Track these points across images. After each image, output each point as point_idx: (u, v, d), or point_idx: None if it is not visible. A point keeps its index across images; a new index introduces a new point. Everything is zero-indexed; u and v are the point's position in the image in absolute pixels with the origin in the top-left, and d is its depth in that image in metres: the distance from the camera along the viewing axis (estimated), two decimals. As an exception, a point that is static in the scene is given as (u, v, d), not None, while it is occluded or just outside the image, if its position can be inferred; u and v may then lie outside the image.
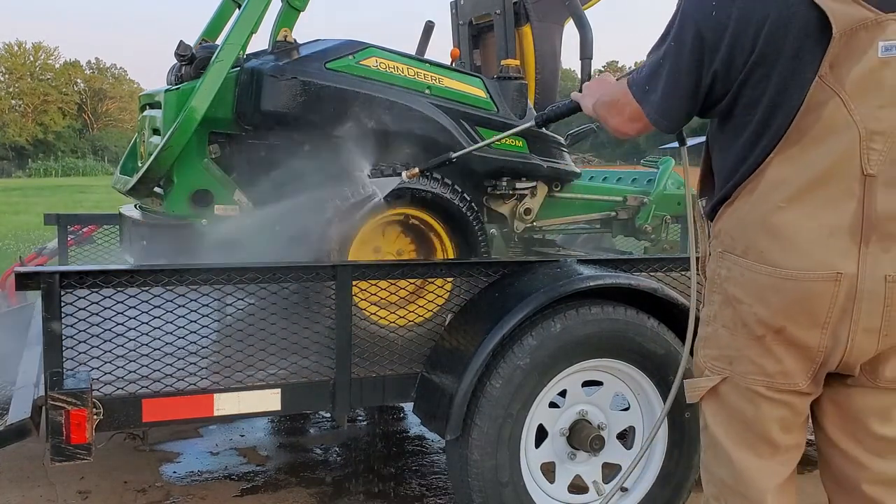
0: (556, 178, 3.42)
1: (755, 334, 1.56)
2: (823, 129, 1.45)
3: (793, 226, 1.49)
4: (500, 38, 3.71)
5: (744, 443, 1.62)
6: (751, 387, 1.58)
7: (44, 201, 17.70)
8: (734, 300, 1.58)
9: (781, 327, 1.52)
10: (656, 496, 2.72)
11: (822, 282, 1.47)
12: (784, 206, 1.50)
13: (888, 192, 1.46)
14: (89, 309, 2.24)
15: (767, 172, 1.51)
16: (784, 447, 1.62)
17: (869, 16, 1.41)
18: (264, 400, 2.37)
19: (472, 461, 2.44)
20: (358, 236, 2.77)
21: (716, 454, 1.67)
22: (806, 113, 1.46)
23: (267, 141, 2.98)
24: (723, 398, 1.64)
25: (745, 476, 1.62)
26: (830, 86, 1.44)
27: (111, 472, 3.33)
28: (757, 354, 1.56)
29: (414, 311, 2.74)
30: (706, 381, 1.66)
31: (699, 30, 1.55)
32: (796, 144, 1.48)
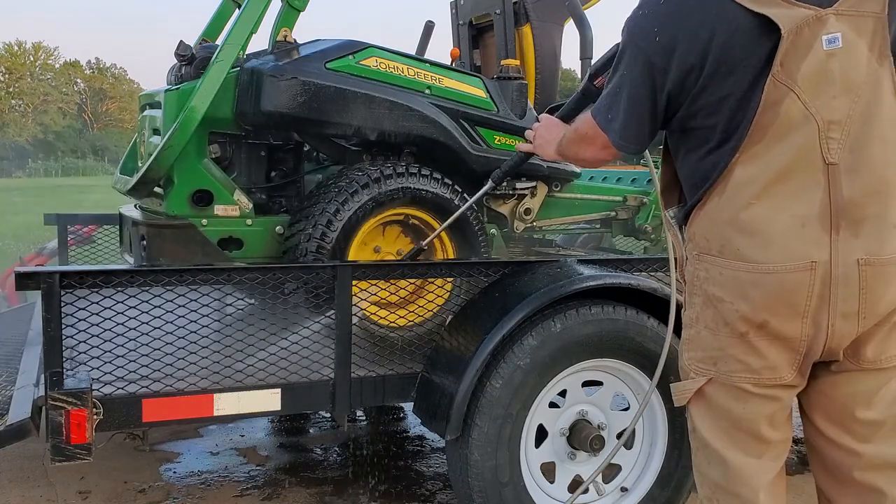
0: (556, 178, 3.42)
1: (738, 332, 1.59)
2: (783, 125, 1.51)
3: (765, 220, 1.54)
4: (500, 38, 3.71)
5: (733, 442, 1.64)
6: (737, 385, 1.61)
7: (44, 201, 17.71)
8: (715, 300, 1.61)
9: (764, 321, 1.55)
10: (656, 496, 2.72)
11: (799, 272, 1.51)
12: (754, 203, 1.54)
13: (851, 179, 1.51)
14: (89, 309, 2.24)
15: (735, 172, 1.56)
16: (773, 443, 1.64)
17: (809, 13, 1.49)
18: (264, 400, 2.37)
19: (472, 461, 2.44)
20: (358, 236, 2.77)
21: (706, 455, 1.69)
22: (764, 111, 1.51)
23: (267, 141, 2.99)
24: (709, 399, 1.66)
25: (737, 475, 1.64)
26: (784, 83, 1.50)
27: (111, 472, 3.33)
28: (741, 352, 1.59)
29: (414, 311, 2.75)
30: (692, 383, 1.68)
31: (647, 56, 1.62)
32: (759, 142, 1.53)
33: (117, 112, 68.63)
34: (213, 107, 2.63)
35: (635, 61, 1.65)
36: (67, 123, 63.36)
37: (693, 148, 1.66)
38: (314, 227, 2.67)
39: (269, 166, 3.03)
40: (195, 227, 2.70)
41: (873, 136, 1.51)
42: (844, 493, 1.65)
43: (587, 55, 3.43)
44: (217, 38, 3.29)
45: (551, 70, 3.73)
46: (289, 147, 3.06)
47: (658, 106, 1.65)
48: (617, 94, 1.71)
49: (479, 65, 4.04)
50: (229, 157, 2.90)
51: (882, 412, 1.60)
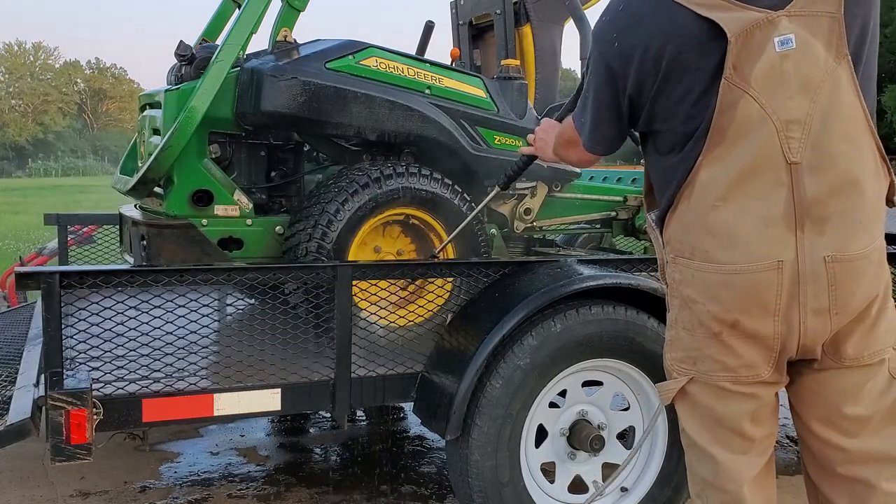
0: (556, 178, 3.42)
1: (712, 332, 1.61)
2: (741, 126, 1.53)
3: (730, 222, 1.56)
4: (500, 38, 3.71)
5: (717, 439, 1.67)
6: (717, 383, 1.64)
7: (44, 201, 17.72)
8: (689, 301, 1.65)
9: (735, 321, 1.58)
10: (656, 496, 2.72)
11: (766, 271, 1.53)
12: (719, 205, 1.57)
13: (814, 177, 1.52)
14: (89, 309, 2.24)
15: (699, 175, 1.59)
16: (757, 439, 1.67)
17: (759, 16, 1.51)
18: (264, 400, 2.37)
19: (472, 461, 2.44)
20: (358, 236, 2.77)
21: (695, 453, 1.73)
22: (721, 113, 1.54)
23: (267, 141, 2.99)
24: (693, 398, 1.69)
25: (722, 471, 1.67)
26: (738, 85, 1.52)
27: (111, 472, 3.33)
28: (717, 352, 1.62)
29: (414, 311, 2.75)
30: (674, 383, 1.72)
31: (607, 62, 1.67)
32: (720, 145, 1.55)
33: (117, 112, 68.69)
34: (213, 107, 2.63)
35: (598, 66, 1.70)
36: (67, 123, 63.41)
37: (658, 151, 1.71)
38: (314, 227, 2.67)
39: (269, 166, 3.03)
40: (195, 227, 2.70)
41: (835, 134, 1.53)
42: (833, 485, 1.67)
43: (587, 55, 3.43)
44: (217, 38, 3.29)
45: (551, 70, 3.73)
46: (289, 147, 3.06)
47: (621, 109, 1.70)
48: (586, 98, 1.78)
49: (479, 65, 4.04)
50: (229, 157, 2.90)
51: (868, 407, 1.62)
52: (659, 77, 1.59)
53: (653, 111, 1.65)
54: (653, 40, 1.58)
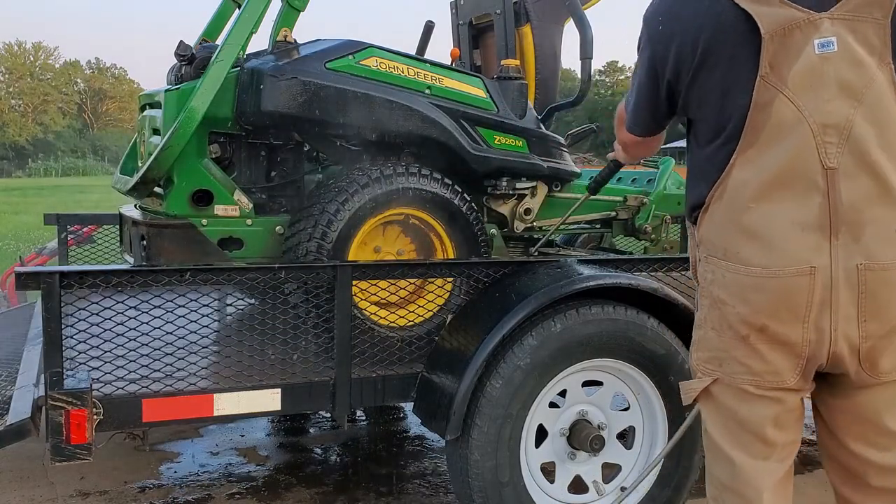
0: (556, 178, 3.42)
1: (740, 334, 1.59)
2: (775, 127, 1.52)
3: (763, 224, 1.54)
4: (500, 38, 3.71)
5: (738, 443, 1.65)
6: (741, 386, 1.62)
7: (44, 201, 17.71)
8: (719, 302, 1.63)
9: (763, 325, 1.55)
10: (656, 496, 2.72)
11: (798, 277, 1.51)
12: (752, 207, 1.55)
13: (850, 183, 1.50)
14: (89, 309, 2.24)
15: (732, 175, 1.58)
16: (779, 445, 1.64)
17: (800, 16, 1.49)
18: (264, 400, 2.37)
19: (472, 461, 2.44)
20: (358, 236, 2.77)
21: (714, 455, 1.71)
22: (755, 113, 1.52)
23: (267, 141, 2.98)
24: (716, 399, 1.68)
25: (742, 475, 1.64)
26: (773, 84, 1.51)
27: (111, 472, 3.33)
28: (743, 354, 1.60)
29: (414, 311, 2.75)
30: (698, 382, 1.70)
31: (652, 45, 1.69)
32: (753, 145, 1.54)
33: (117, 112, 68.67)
34: (213, 107, 2.62)
35: (644, 49, 1.71)
36: (67, 123, 63.40)
37: (696, 142, 1.70)
38: (314, 226, 2.67)
39: (269, 166, 3.02)
40: (195, 227, 2.70)
41: (875, 141, 1.50)
42: (867, 496, 1.64)
43: (587, 55, 3.43)
44: (217, 38, 3.29)
45: (551, 70, 3.73)
46: (289, 147, 3.05)
47: (661, 93, 1.70)
48: (632, 80, 1.80)
49: (479, 65, 4.04)
50: (229, 157, 2.90)
51: None
52: (694, 63, 1.59)
53: (688, 98, 1.65)
54: (691, 26, 1.58)
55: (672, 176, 3.81)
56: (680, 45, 1.61)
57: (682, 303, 2.65)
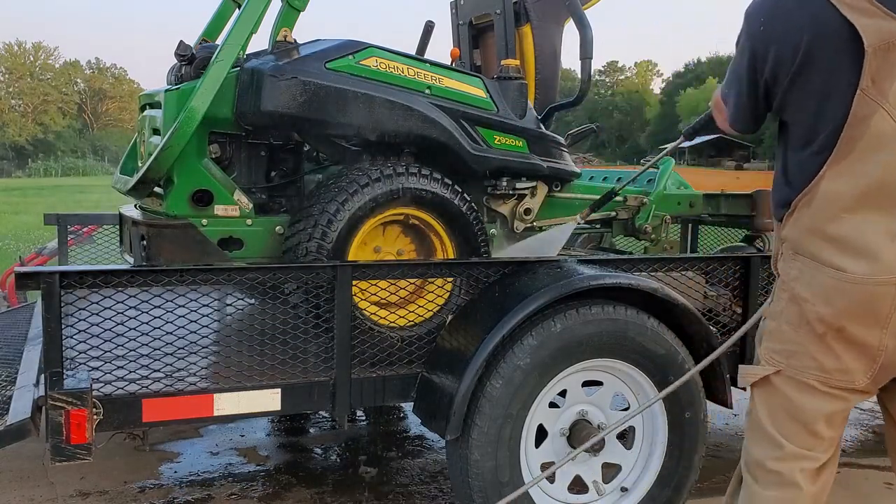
0: (556, 178, 3.42)
1: (817, 332, 1.65)
2: (872, 141, 1.53)
3: (854, 233, 1.58)
4: (500, 38, 3.71)
5: (785, 430, 1.73)
6: (806, 381, 1.69)
7: (44, 201, 17.71)
8: (800, 299, 1.68)
9: (842, 327, 1.61)
10: (656, 496, 2.72)
11: (885, 286, 1.56)
12: (845, 217, 1.59)
13: None
14: (89, 309, 2.24)
15: (822, 185, 1.61)
16: (826, 439, 1.72)
17: None
18: (264, 400, 2.37)
19: (472, 461, 2.44)
20: (358, 236, 2.77)
21: (758, 436, 1.79)
22: (852, 126, 1.54)
23: (267, 141, 2.99)
24: (773, 388, 1.75)
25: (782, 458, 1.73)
26: (873, 98, 1.51)
27: (111, 472, 3.33)
28: (817, 351, 1.66)
29: (414, 310, 2.75)
30: (761, 369, 1.77)
31: (752, 44, 1.69)
32: (847, 157, 1.56)
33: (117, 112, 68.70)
34: (213, 107, 2.62)
35: (744, 47, 1.73)
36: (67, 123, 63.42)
37: (789, 143, 1.72)
38: (314, 226, 2.67)
39: (269, 166, 3.03)
40: (195, 227, 2.70)
41: None
42: None
43: (587, 55, 3.43)
44: (217, 38, 3.29)
45: (551, 70, 3.73)
46: (289, 147, 3.06)
47: (759, 92, 1.72)
48: (732, 72, 1.81)
49: (479, 65, 4.04)
50: (229, 157, 2.90)
51: None
52: (793, 68, 1.60)
53: (785, 100, 1.67)
54: (795, 30, 1.59)
55: (672, 176, 3.81)
56: (780, 48, 1.62)
57: (682, 303, 2.65)
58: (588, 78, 3.50)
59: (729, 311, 3.02)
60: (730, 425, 4.16)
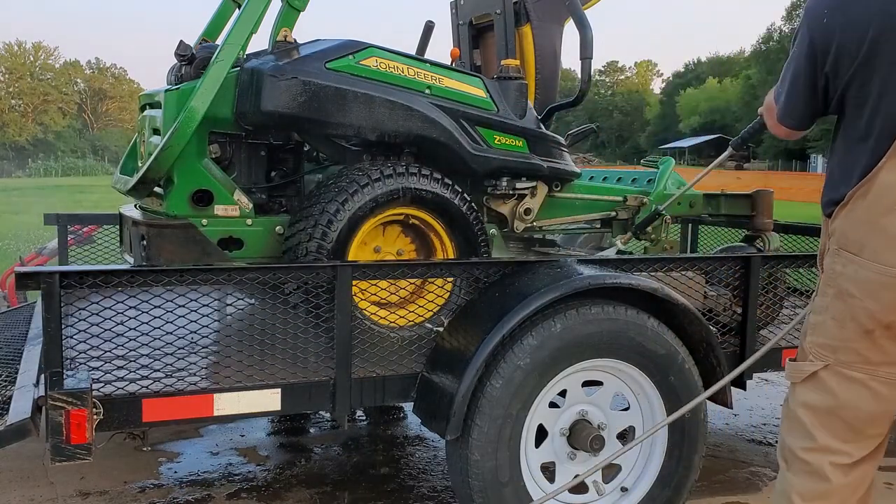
0: (556, 178, 3.42)
1: (864, 328, 1.67)
2: None
3: None
4: (500, 38, 3.71)
5: (824, 423, 1.74)
6: (852, 374, 1.71)
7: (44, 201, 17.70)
8: (846, 294, 1.69)
9: (891, 322, 1.63)
10: (656, 496, 2.72)
11: None
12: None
13: None
14: (89, 309, 2.24)
15: (879, 177, 1.61)
16: (867, 435, 1.73)
17: None
18: (264, 400, 2.37)
19: (472, 461, 2.44)
20: (358, 236, 2.77)
21: (795, 427, 1.81)
22: None
23: (267, 141, 2.99)
24: (820, 382, 1.76)
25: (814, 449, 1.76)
26: None
27: (111, 472, 3.33)
28: (864, 346, 1.68)
29: (414, 311, 2.74)
30: (810, 365, 1.78)
31: (812, 36, 1.69)
32: None
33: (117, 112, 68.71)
34: (213, 107, 2.63)
35: (803, 39, 1.72)
36: (67, 123, 63.43)
37: (845, 138, 1.72)
38: (314, 226, 2.67)
39: (269, 166, 3.03)
40: (195, 227, 2.70)
41: None
42: None
43: (587, 55, 3.43)
44: (217, 38, 3.29)
45: (551, 70, 3.73)
46: (289, 147, 3.06)
47: (817, 85, 1.72)
48: (787, 69, 1.80)
49: (479, 65, 4.04)
50: (229, 157, 2.90)
51: None
52: (857, 60, 1.60)
53: (846, 94, 1.67)
54: (860, 22, 1.59)
55: (672, 176, 3.80)
56: (843, 41, 1.62)
57: (682, 303, 2.65)
58: (588, 78, 3.50)
59: (729, 311, 3.02)
60: (730, 425, 4.16)
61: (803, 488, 1.78)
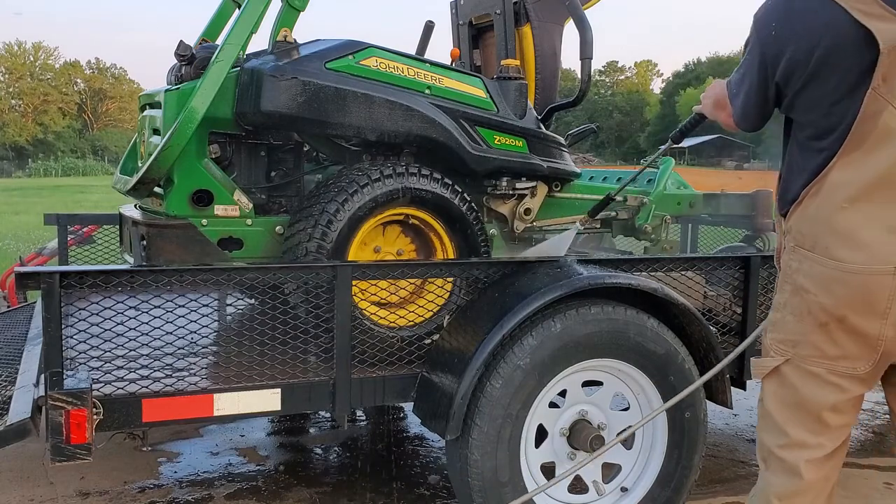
0: (556, 178, 3.42)
1: (819, 322, 1.72)
2: (880, 136, 1.61)
3: (855, 224, 1.65)
4: (500, 38, 3.71)
5: (792, 418, 1.79)
6: (810, 368, 1.75)
7: (44, 201, 17.72)
8: (802, 290, 1.75)
9: (843, 316, 1.68)
10: (656, 496, 2.72)
11: (881, 276, 1.62)
12: (846, 207, 1.66)
13: None
14: (89, 309, 2.24)
15: (831, 175, 1.67)
16: (833, 427, 1.78)
17: None
18: (264, 400, 2.37)
19: (472, 461, 2.44)
20: (358, 236, 2.77)
21: (768, 425, 1.86)
22: (863, 122, 1.61)
23: (267, 141, 2.99)
24: (782, 377, 1.82)
25: (788, 446, 1.80)
26: (883, 96, 1.59)
27: (111, 472, 3.33)
28: (820, 340, 1.73)
29: (414, 311, 2.74)
30: (771, 361, 1.84)
31: (762, 47, 1.77)
32: (857, 150, 1.63)
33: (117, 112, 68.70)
34: (213, 107, 2.63)
35: (754, 49, 1.80)
36: (67, 123, 63.41)
37: (796, 138, 1.79)
38: (314, 226, 2.67)
39: (269, 166, 3.03)
40: (195, 227, 2.70)
41: None
42: None
43: (587, 55, 3.43)
44: (217, 38, 3.29)
45: (551, 70, 3.73)
46: (289, 147, 3.06)
47: (769, 93, 1.80)
48: (742, 73, 1.88)
49: (479, 65, 4.04)
50: (229, 157, 2.90)
51: None
52: (808, 71, 1.67)
53: (795, 101, 1.74)
54: (809, 35, 1.65)
55: (672, 176, 3.81)
56: (793, 53, 1.68)
57: (682, 303, 2.65)
58: (588, 78, 3.50)
59: (729, 311, 3.02)
60: (730, 425, 4.17)
61: (782, 488, 1.82)
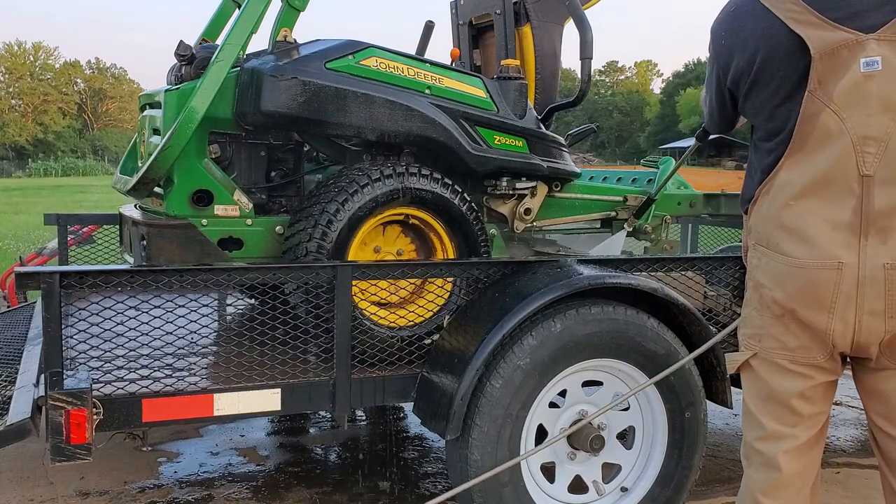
0: (556, 178, 3.42)
1: (775, 314, 1.81)
2: (820, 137, 1.70)
3: (800, 220, 1.73)
4: (500, 38, 3.71)
5: (768, 411, 1.86)
6: (775, 360, 1.83)
7: (44, 201, 17.72)
8: (760, 285, 1.85)
9: (793, 309, 1.76)
10: (656, 496, 2.72)
11: (826, 270, 1.70)
12: (792, 204, 1.74)
13: (884, 191, 1.67)
14: (89, 309, 2.24)
15: (779, 175, 1.77)
16: (806, 415, 1.83)
17: (849, 37, 1.65)
18: (264, 400, 2.37)
19: (472, 461, 2.44)
20: (358, 236, 2.77)
21: (748, 419, 1.94)
22: (803, 124, 1.71)
23: (267, 141, 2.99)
24: (754, 371, 1.90)
25: (766, 438, 1.86)
26: (820, 99, 1.68)
27: (111, 472, 3.33)
28: (779, 332, 1.82)
29: (414, 311, 2.74)
30: (741, 355, 1.93)
31: (716, 57, 1.91)
32: (800, 151, 1.73)
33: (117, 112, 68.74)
34: (213, 107, 2.62)
35: (711, 59, 1.94)
36: (67, 123, 63.43)
37: (754, 141, 1.90)
38: (314, 227, 2.67)
39: (269, 166, 3.03)
40: (195, 227, 2.70)
41: None
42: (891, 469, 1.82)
43: (587, 55, 3.44)
44: (217, 38, 3.29)
45: (551, 70, 3.73)
46: (289, 147, 3.06)
47: (725, 99, 1.94)
48: (706, 81, 2.02)
49: (479, 65, 4.04)
50: (229, 157, 2.90)
51: None
52: (751, 77, 1.79)
53: (745, 106, 1.88)
54: (749, 44, 1.77)
55: (672, 176, 3.80)
56: (738, 61, 1.81)
57: (682, 303, 2.65)
58: (588, 78, 3.50)
59: (729, 311, 3.02)
60: (730, 425, 4.17)
61: (763, 483, 1.87)
